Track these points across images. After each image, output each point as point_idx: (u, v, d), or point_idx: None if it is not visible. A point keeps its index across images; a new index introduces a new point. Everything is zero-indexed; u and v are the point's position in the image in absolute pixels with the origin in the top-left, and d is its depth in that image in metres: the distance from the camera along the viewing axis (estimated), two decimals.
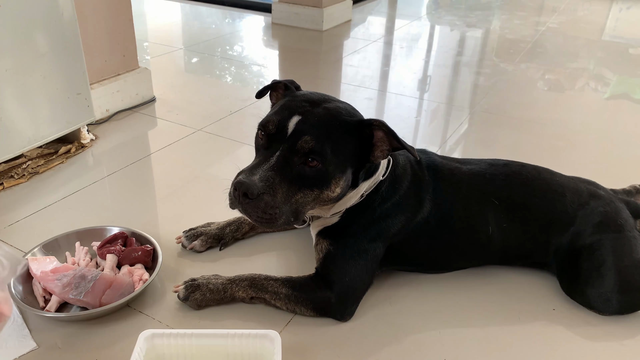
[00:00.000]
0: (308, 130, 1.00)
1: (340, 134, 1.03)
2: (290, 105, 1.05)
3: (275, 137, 1.02)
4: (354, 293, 1.16)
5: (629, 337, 1.15)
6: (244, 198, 1.00)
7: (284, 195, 1.01)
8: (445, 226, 1.22)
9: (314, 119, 1.02)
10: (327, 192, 1.05)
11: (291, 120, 1.02)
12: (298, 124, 1.01)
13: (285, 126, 1.01)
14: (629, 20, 4.19)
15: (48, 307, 1.12)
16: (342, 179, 1.05)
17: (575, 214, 1.25)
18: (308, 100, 1.08)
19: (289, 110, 1.04)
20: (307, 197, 1.04)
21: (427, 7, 4.34)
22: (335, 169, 1.03)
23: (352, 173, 1.08)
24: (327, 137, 1.01)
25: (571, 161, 1.88)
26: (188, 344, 0.97)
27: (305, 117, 1.02)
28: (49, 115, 1.67)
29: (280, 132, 1.02)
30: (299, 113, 1.02)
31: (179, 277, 1.25)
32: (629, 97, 2.53)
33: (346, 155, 1.05)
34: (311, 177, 1.02)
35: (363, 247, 1.16)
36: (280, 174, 1.00)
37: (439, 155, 1.31)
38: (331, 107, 1.07)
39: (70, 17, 1.64)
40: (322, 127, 1.02)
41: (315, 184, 1.03)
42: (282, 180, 1.00)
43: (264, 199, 0.99)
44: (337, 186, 1.05)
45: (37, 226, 1.43)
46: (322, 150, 1.00)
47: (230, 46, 3.12)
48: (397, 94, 2.48)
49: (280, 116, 1.03)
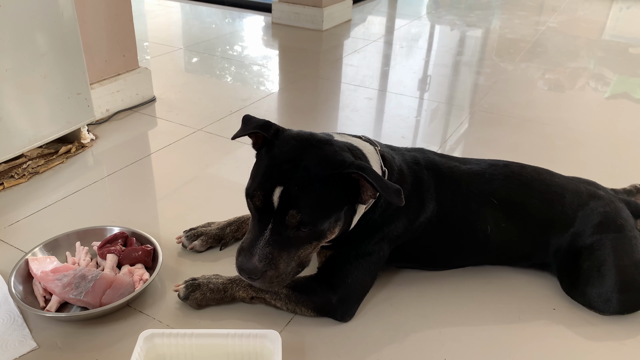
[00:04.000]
0: (292, 203, 0.99)
1: (324, 192, 1.01)
2: (271, 173, 1.02)
3: (264, 210, 1.02)
4: (356, 294, 1.16)
5: (629, 336, 1.15)
6: (250, 279, 1.03)
7: (285, 262, 1.03)
8: (445, 224, 1.22)
9: (296, 188, 0.99)
10: (325, 240, 1.07)
11: (274, 193, 1.00)
12: (282, 196, 0.99)
13: (270, 198, 1.00)
14: (629, 19, 4.19)
15: (48, 307, 1.12)
16: (337, 225, 1.05)
17: (575, 215, 1.25)
18: (287, 159, 1.03)
19: (270, 181, 1.01)
20: (308, 250, 1.06)
21: (427, 7, 4.34)
22: (329, 223, 1.03)
23: (349, 210, 1.07)
24: (312, 204, 1.00)
25: (571, 161, 1.88)
26: (188, 344, 0.97)
27: (288, 187, 0.99)
28: (49, 115, 1.67)
29: (267, 204, 1.01)
30: (280, 182, 1.00)
31: (179, 277, 1.25)
32: (629, 97, 2.53)
33: (334, 208, 1.03)
34: (307, 237, 1.03)
35: (367, 249, 1.16)
36: (277, 246, 1.01)
37: (437, 154, 1.31)
38: (311, 163, 1.01)
39: (70, 17, 1.64)
40: (305, 195, 1.00)
41: (312, 240, 1.04)
42: (280, 251, 1.02)
43: (268, 275, 1.01)
44: (334, 233, 1.06)
45: (37, 226, 1.43)
46: (310, 219, 1.00)
47: (230, 46, 3.12)
48: (397, 93, 2.48)
49: (264, 190, 1.01)
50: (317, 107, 2.33)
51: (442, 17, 4.00)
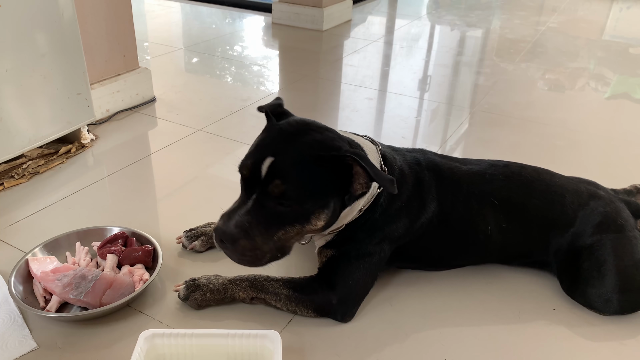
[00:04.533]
0: (279, 174, 0.98)
1: (314, 172, 1.00)
2: (265, 144, 1.03)
3: (251, 180, 1.01)
4: (356, 295, 1.16)
5: (629, 337, 1.15)
6: (222, 244, 1.01)
7: (262, 236, 1.00)
8: (446, 224, 1.22)
9: (287, 160, 0.99)
10: (308, 226, 1.03)
11: (264, 162, 0.99)
12: (270, 167, 0.99)
13: (259, 169, 1.00)
14: (629, 19, 4.19)
15: (48, 307, 1.12)
16: (323, 212, 1.03)
17: (575, 215, 1.25)
18: (284, 135, 1.03)
19: (262, 152, 1.01)
20: (290, 233, 1.03)
21: (427, 7, 4.34)
22: (313, 206, 1.01)
23: (337, 201, 1.05)
24: (300, 178, 0.99)
25: (571, 161, 1.88)
26: (188, 344, 0.97)
27: (278, 158, 0.99)
28: (49, 115, 1.67)
29: (255, 174, 1.00)
30: (272, 153, 1.00)
31: (179, 277, 1.25)
32: (629, 97, 2.53)
33: (322, 191, 1.02)
34: (289, 216, 1.01)
35: (368, 250, 1.16)
36: (257, 216, 1.00)
37: (438, 155, 1.31)
38: (307, 142, 1.02)
39: (70, 17, 1.64)
40: (294, 168, 0.99)
41: (295, 221, 1.02)
42: (259, 224, 1.00)
43: (240, 244, 0.99)
44: (319, 220, 1.03)
45: (37, 226, 1.43)
46: (294, 193, 0.98)
47: (230, 46, 3.12)
48: (397, 93, 2.48)
49: (254, 159, 1.01)
50: (317, 107, 2.33)
51: (442, 17, 4.00)
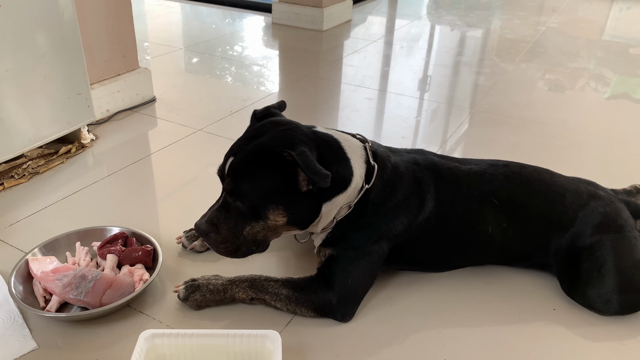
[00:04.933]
0: (232, 172, 1.08)
1: (261, 169, 1.06)
2: (233, 146, 1.12)
3: (221, 179, 1.12)
4: (356, 294, 1.16)
5: (629, 337, 1.15)
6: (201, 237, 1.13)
7: (230, 231, 1.09)
8: (445, 225, 1.22)
9: (239, 159, 1.08)
10: (270, 222, 1.08)
11: (227, 162, 1.10)
12: (229, 166, 1.09)
13: (224, 168, 1.10)
14: (629, 20, 4.19)
15: (48, 307, 1.12)
16: (278, 208, 1.06)
17: (575, 215, 1.25)
18: (249, 135, 1.12)
19: (229, 152, 1.11)
20: (255, 229, 1.09)
21: (427, 7, 4.34)
22: (266, 202, 1.06)
23: (302, 198, 1.07)
24: (246, 175, 1.06)
25: (571, 161, 1.88)
26: (188, 344, 0.97)
27: (235, 159, 1.08)
28: (49, 115, 1.67)
29: (223, 174, 1.11)
30: (234, 154, 1.09)
31: (179, 277, 1.25)
32: (629, 97, 2.53)
33: (270, 187, 1.06)
34: (247, 212, 1.08)
35: (366, 249, 1.16)
36: (224, 212, 1.10)
37: (437, 155, 1.31)
38: (262, 141, 1.08)
39: (70, 17, 1.64)
40: (243, 166, 1.07)
41: (254, 218, 1.08)
42: (227, 218, 1.09)
43: (211, 237, 1.10)
44: (278, 215, 1.07)
45: (37, 226, 1.43)
46: (240, 190, 1.06)
47: (230, 46, 3.12)
48: (397, 94, 2.48)
49: (224, 159, 1.11)
50: (317, 107, 2.33)
51: (442, 17, 4.00)
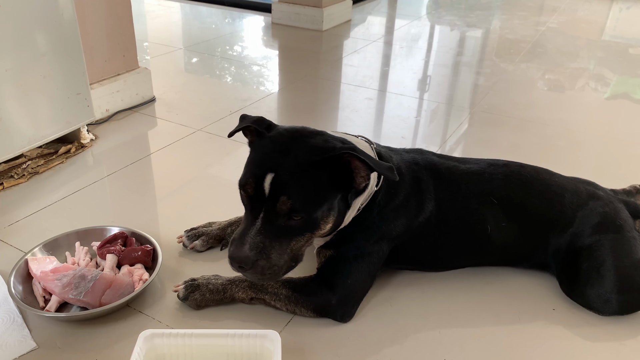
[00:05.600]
0: (283, 189, 0.99)
1: (316, 178, 1.01)
2: (263, 161, 1.04)
3: (256, 198, 1.02)
4: (356, 295, 1.16)
5: (629, 337, 1.15)
6: (241, 269, 1.02)
7: (277, 253, 1.02)
8: (445, 225, 1.22)
9: (287, 174, 1.00)
10: (317, 232, 1.05)
11: (265, 180, 1.00)
12: (272, 183, 1.00)
13: (262, 186, 1.00)
14: (629, 20, 4.19)
15: (48, 307, 1.12)
16: (331, 214, 1.05)
17: (574, 215, 1.25)
18: (278, 148, 1.04)
19: (261, 168, 1.02)
20: (300, 242, 1.05)
21: (427, 7, 4.34)
22: (322, 212, 1.03)
23: (341, 200, 1.06)
24: (304, 189, 1.00)
25: (571, 161, 1.88)
26: (188, 344, 0.97)
27: (278, 173, 1.00)
28: (49, 115, 1.67)
29: (259, 192, 1.01)
30: (271, 169, 1.00)
31: (179, 277, 1.25)
32: (629, 97, 2.53)
33: (328, 196, 1.03)
34: (299, 227, 1.02)
35: (366, 249, 1.16)
36: (269, 235, 1.01)
37: (436, 154, 1.31)
38: (302, 150, 1.03)
39: (70, 17, 1.64)
40: (296, 181, 1.00)
41: (305, 230, 1.04)
42: (272, 241, 1.01)
43: (259, 265, 1.01)
44: (327, 223, 1.05)
45: (37, 226, 1.43)
46: (301, 206, 1.00)
47: (230, 46, 3.12)
48: (397, 94, 2.48)
49: (255, 176, 1.02)
50: (317, 107, 2.33)
51: (442, 17, 4.00)
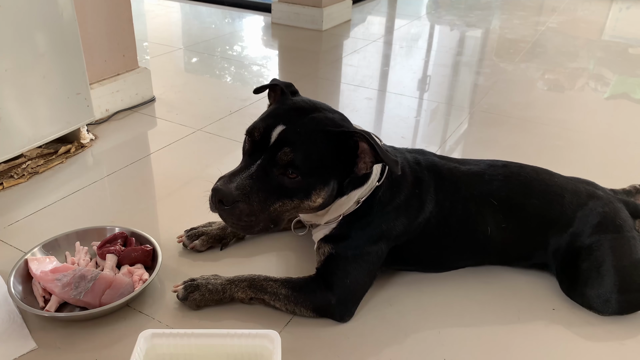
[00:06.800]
0: (289, 142, 1.00)
1: (322, 146, 1.02)
2: (278, 113, 1.05)
3: (259, 145, 1.02)
4: (355, 294, 1.16)
5: (629, 337, 1.15)
6: (219, 205, 1.00)
7: (260, 203, 1.01)
8: (445, 225, 1.22)
9: (297, 130, 1.01)
10: (307, 202, 1.05)
11: (275, 129, 1.01)
12: (281, 134, 1.00)
13: (269, 135, 1.01)
14: (629, 20, 4.19)
15: (48, 307, 1.11)
16: (324, 189, 1.05)
17: (574, 215, 1.25)
18: (297, 108, 1.06)
19: (275, 119, 1.03)
20: (286, 206, 1.05)
21: (427, 7, 4.34)
22: (316, 181, 1.03)
23: (337, 183, 1.07)
24: (308, 149, 1.01)
25: (571, 161, 1.88)
26: (188, 344, 0.97)
27: (289, 127, 1.01)
28: (49, 115, 1.67)
29: (264, 140, 1.02)
30: (284, 122, 1.01)
31: (179, 277, 1.25)
32: (629, 97, 2.53)
33: (328, 167, 1.03)
34: (290, 188, 1.02)
35: (366, 249, 1.16)
36: (259, 182, 1.00)
37: (437, 155, 1.31)
38: (318, 118, 1.05)
39: (70, 17, 1.64)
40: (303, 139, 1.01)
41: (294, 194, 1.03)
42: (259, 189, 1.00)
43: (239, 207, 0.99)
44: (318, 197, 1.05)
45: (37, 226, 1.43)
46: (301, 163, 0.99)
47: (230, 46, 3.12)
48: (396, 93, 2.48)
49: (266, 124, 1.02)
50: None
51: (442, 17, 4.00)
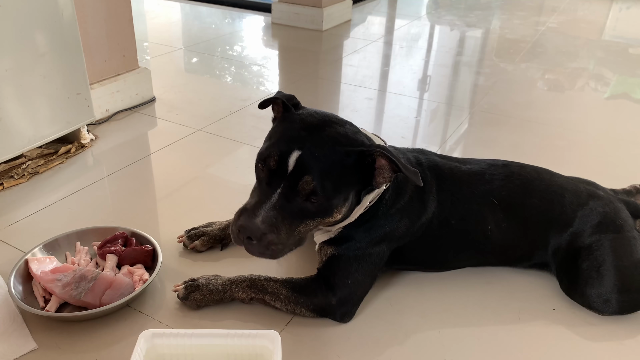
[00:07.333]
0: (308, 169, 0.98)
1: (341, 167, 1.01)
2: (290, 136, 1.02)
3: (276, 173, 1.00)
4: (356, 295, 1.16)
5: (629, 337, 1.15)
6: (248, 240, 1.00)
7: (287, 231, 1.01)
8: (446, 225, 1.22)
9: (314, 155, 0.99)
10: (329, 219, 1.05)
11: (291, 156, 0.99)
12: (298, 160, 0.98)
13: (285, 161, 0.99)
14: (629, 20, 4.19)
15: (48, 307, 1.11)
16: (345, 205, 1.05)
17: (575, 215, 1.25)
18: (307, 127, 1.03)
19: (288, 144, 1.00)
20: (309, 227, 1.05)
21: (427, 7, 4.34)
22: (338, 200, 1.02)
23: (355, 195, 1.07)
24: (328, 174, 0.99)
25: (571, 161, 1.88)
26: (188, 344, 0.97)
27: (305, 152, 0.99)
28: (49, 115, 1.67)
29: (281, 167, 0.99)
30: (299, 147, 0.99)
31: (179, 277, 1.25)
32: (629, 97, 2.53)
33: (348, 186, 1.03)
34: (313, 211, 1.01)
35: (368, 251, 1.16)
36: (283, 212, 0.99)
37: (438, 155, 1.31)
38: (331, 135, 1.03)
39: (70, 17, 1.64)
40: (322, 164, 0.99)
41: (317, 215, 1.03)
42: (284, 218, 1.00)
43: (267, 239, 0.99)
44: (340, 213, 1.05)
45: (37, 226, 1.43)
46: (323, 190, 0.98)
47: (230, 46, 3.12)
48: (397, 93, 2.48)
49: (280, 150, 1.00)
50: (317, 107, 2.32)
51: (442, 17, 4.00)
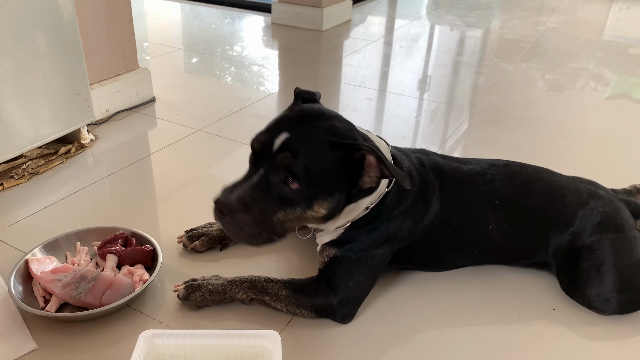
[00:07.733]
0: (290, 148, 0.98)
1: (325, 156, 0.99)
2: (283, 122, 1.03)
3: (262, 155, 1.01)
4: (357, 296, 1.16)
5: (629, 336, 1.15)
6: (220, 215, 1.00)
7: (262, 213, 0.99)
8: (447, 225, 1.22)
9: (301, 138, 0.99)
10: (310, 212, 1.02)
11: (278, 138, 0.99)
12: (284, 142, 0.98)
13: (272, 144, 0.99)
14: (629, 20, 4.19)
15: (48, 308, 1.11)
16: (327, 200, 1.02)
17: (575, 214, 1.25)
18: (304, 116, 1.04)
19: (278, 128, 1.01)
20: (289, 216, 1.02)
21: (427, 7, 4.34)
22: (318, 191, 1.00)
23: (343, 195, 1.05)
24: (309, 158, 0.98)
25: (571, 161, 1.88)
26: (188, 344, 0.97)
27: (293, 136, 0.99)
28: (49, 115, 1.67)
29: (267, 150, 1.00)
30: (288, 130, 0.99)
31: (179, 277, 1.25)
32: (629, 97, 2.53)
33: (331, 178, 1.01)
34: (291, 197, 1.00)
35: (370, 252, 1.15)
36: (260, 192, 0.99)
37: (439, 155, 1.31)
38: (324, 126, 1.02)
39: (70, 17, 1.64)
40: (306, 147, 0.98)
41: (296, 204, 1.01)
42: (261, 199, 0.99)
43: (239, 217, 0.98)
44: (321, 207, 1.02)
45: (37, 226, 1.43)
46: (301, 170, 0.97)
47: (230, 46, 3.12)
48: (397, 93, 2.48)
49: (269, 134, 1.00)
50: None
51: (442, 17, 4.00)
